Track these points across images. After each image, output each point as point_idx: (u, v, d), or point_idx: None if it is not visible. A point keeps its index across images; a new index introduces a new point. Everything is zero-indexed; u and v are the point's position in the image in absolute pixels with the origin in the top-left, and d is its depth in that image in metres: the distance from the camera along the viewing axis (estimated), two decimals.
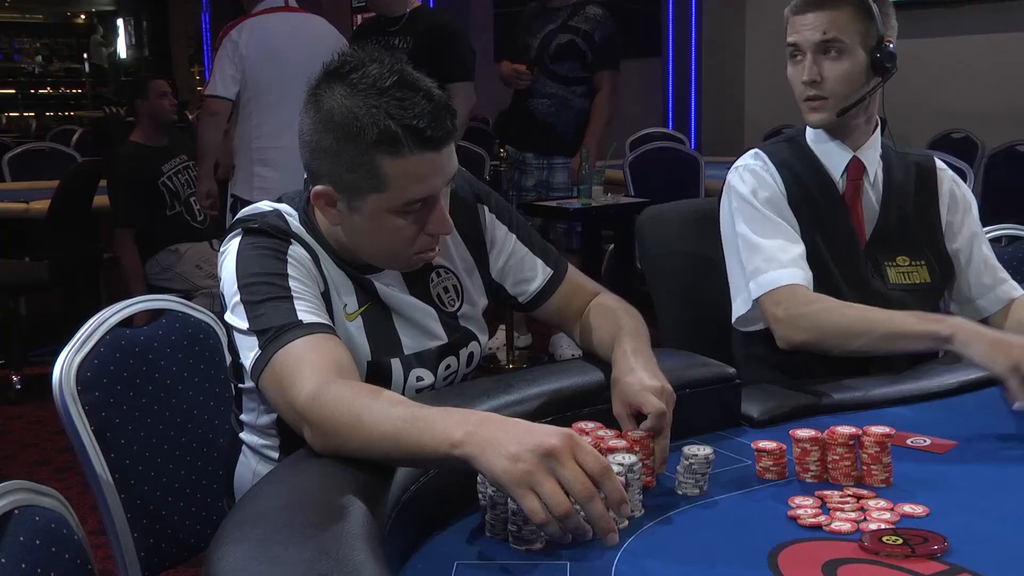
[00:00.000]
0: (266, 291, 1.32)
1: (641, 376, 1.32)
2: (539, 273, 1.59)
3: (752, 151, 1.88)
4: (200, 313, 1.71)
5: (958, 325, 1.55)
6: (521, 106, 4.62)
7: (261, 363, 1.27)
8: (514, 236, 1.59)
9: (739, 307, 1.81)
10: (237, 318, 1.33)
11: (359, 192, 1.35)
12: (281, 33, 3.73)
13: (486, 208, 1.58)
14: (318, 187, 1.38)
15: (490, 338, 4.64)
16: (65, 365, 1.48)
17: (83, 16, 17.51)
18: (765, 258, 1.75)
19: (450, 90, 3.93)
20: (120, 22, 17.24)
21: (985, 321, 1.84)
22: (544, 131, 4.55)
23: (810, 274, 1.74)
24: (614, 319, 1.50)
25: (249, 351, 1.29)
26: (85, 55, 17.05)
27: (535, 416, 1.32)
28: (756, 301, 1.75)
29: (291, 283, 1.33)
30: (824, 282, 1.76)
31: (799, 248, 1.77)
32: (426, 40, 3.88)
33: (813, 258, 1.77)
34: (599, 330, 1.51)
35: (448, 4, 9.78)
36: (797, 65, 1.81)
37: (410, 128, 1.30)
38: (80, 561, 1.11)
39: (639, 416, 1.28)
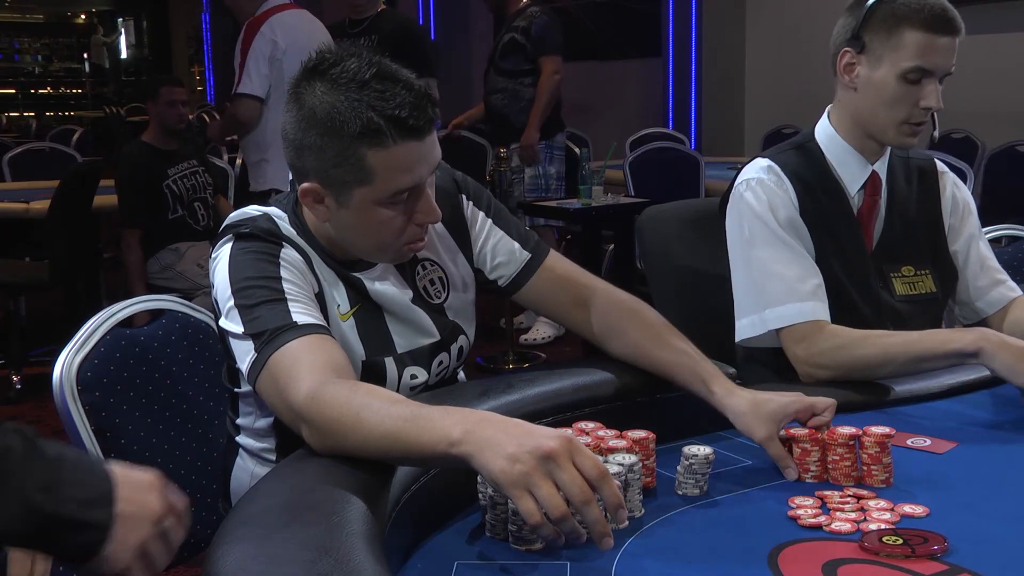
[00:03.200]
0: (260, 295, 1.32)
1: (774, 395, 1.35)
2: (516, 256, 1.58)
3: (764, 162, 1.80)
4: (200, 313, 1.71)
5: (982, 338, 1.51)
6: (486, 105, 5.15)
7: (258, 366, 1.27)
8: (490, 220, 1.59)
9: (746, 329, 1.74)
10: (232, 323, 1.32)
11: (346, 186, 1.35)
12: (302, 29, 3.79)
13: (464, 195, 1.58)
14: (305, 185, 1.38)
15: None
16: (65, 365, 1.49)
17: (83, 16, 17.52)
18: (784, 288, 1.69)
19: None
20: (120, 22, 17.25)
21: (985, 322, 1.84)
22: (499, 122, 5.02)
23: (827, 304, 1.70)
24: (674, 343, 1.48)
25: (245, 355, 1.29)
26: (85, 55, 17.06)
27: (535, 416, 1.32)
28: (772, 330, 1.70)
29: (284, 285, 1.33)
30: (838, 297, 1.73)
31: (817, 278, 1.71)
32: (391, 39, 4.00)
33: (825, 273, 1.73)
34: (656, 352, 1.48)
35: (448, 8, 9.80)
36: (914, 87, 1.69)
37: (392, 119, 1.30)
38: None
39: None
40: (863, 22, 1.72)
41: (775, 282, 1.71)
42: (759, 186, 1.77)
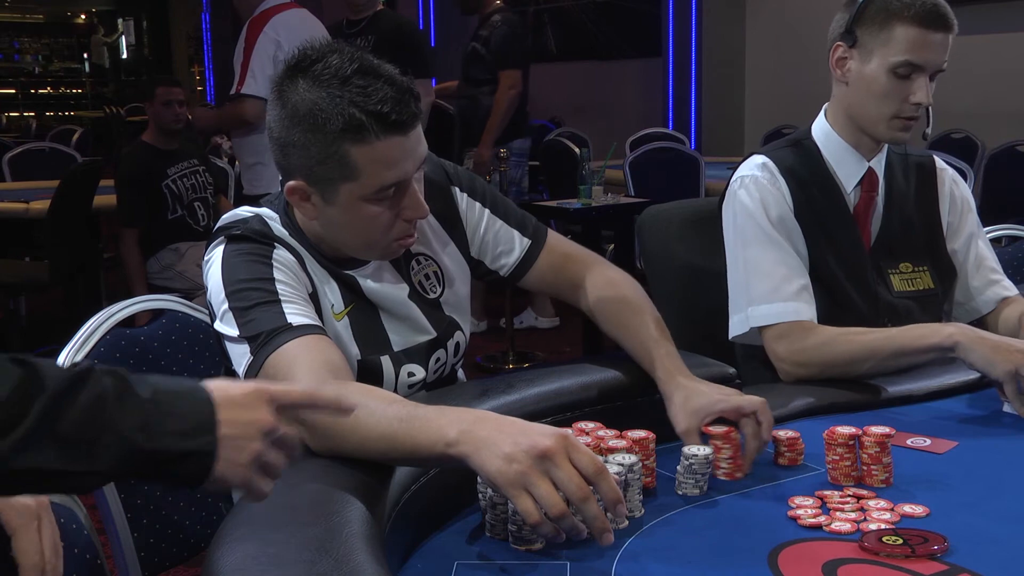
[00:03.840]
0: (254, 296, 1.31)
1: (708, 390, 1.35)
2: (516, 245, 1.59)
3: (759, 159, 1.81)
4: (200, 313, 1.71)
5: (958, 332, 1.53)
6: (457, 110, 5.21)
7: (254, 368, 1.27)
8: (487, 211, 1.59)
9: (736, 326, 1.76)
10: (227, 326, 1.32)
11: (331, 183, 1.35)
12: (306, 28, 3.75)
13: (457, 188, 1.58)
14: (291, 183, 1.38)
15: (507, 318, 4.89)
16: (65, 365, 1.48)
17: (83, 16, 17.52)
18: (769, 287, 1.70)
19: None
20: (120, 22, 17.25)
21: (980, 321, 1.84)
22: (460, 128, 5.11)
23: (813, 306, 1.70)
24: (640, 320, 1.49)
25: (241, 358, 1.29)
26: (85, 55, 17.07)
27: (535, 416, 1.32)
28: (755, 328, 1.72)
29: (278, 287, 1.33)
30: (834, 294, 1.74)
31: (804, 279, 1.72)
32: (389, 39, 4.00)
33: (821, 270, 1.74)
34: (626, 330, 1.50)
35: (447, 10, 9.78)
36: (904, 82, 1.69)
37: (375, 114, 1.30)
38: (90, 556, 1.12)
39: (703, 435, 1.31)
40: (855, 16, 1.72)
41: (761, 281, 1.72)
42: (753, 184, 1.77)
